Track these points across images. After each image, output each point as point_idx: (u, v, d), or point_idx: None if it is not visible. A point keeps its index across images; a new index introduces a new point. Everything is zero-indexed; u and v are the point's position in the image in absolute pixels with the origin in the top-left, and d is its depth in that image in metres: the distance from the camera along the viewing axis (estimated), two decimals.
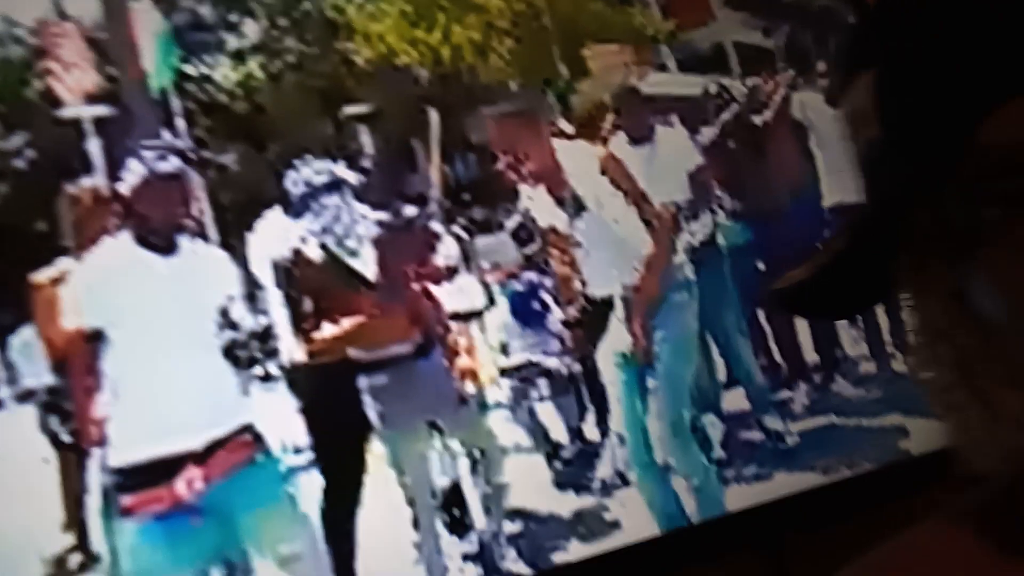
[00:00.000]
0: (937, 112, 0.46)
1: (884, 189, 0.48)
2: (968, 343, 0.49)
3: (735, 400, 2.32)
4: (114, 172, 1.58)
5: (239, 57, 1.77)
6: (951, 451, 0.50)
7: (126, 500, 1.43)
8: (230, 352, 1.57)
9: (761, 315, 2.60)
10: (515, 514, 1.82)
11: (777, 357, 2.62)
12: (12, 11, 1.51)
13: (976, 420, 0.49)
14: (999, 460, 0.49)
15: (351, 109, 1.91)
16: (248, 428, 1.55)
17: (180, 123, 1.66)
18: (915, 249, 0.50)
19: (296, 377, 1.64)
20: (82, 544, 1.44)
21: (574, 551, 1.84)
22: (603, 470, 1.98)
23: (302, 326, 1.69)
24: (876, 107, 0.49)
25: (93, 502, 1.44)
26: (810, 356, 2.64)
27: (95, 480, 1.45)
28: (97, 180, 1.54)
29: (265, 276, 1.68)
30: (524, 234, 2.08)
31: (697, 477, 2.09)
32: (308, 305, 1.71)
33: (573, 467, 1.94)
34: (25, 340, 1.47)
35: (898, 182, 0.47)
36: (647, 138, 2.39)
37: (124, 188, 1.55)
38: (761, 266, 2.62)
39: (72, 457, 1.46)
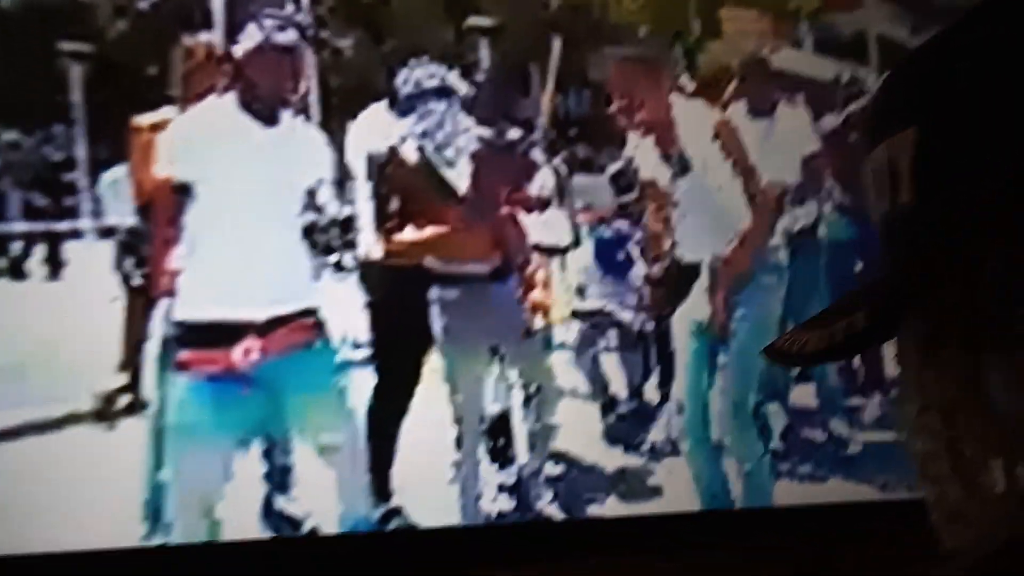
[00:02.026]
0: (991, 191, 0.40)
1: (912, 268, 0.43)
2: (971, 427, 0.45)
3: (804, 395, 2.22)
4: (232, 33, 1.55)
5: None
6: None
7: (183, 355, 1.42)
8: (309, 234, 1.54)
9: None
10: (559, 457, 1.77)
11: (856, 361, 2.51)
12: None
13: (956, 496, 0.46)
14: (973, 539, 0.46)
15: (475, 19, 1.84)
16: (312, 312, 1.52)
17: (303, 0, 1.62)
18: (934, 320, 0.46)
19: (369, 273, 1.61)
20: (134, 387, 1.44)
21: (610, 507, 1.79)
22: (656, 434, 1.91)
23: (385, 224, 1.65)
24: (913, 171, 0.43)
25: (152, 349, 1.44)
26: (891, 368, 2.52)
27: (157, 328, 1.44)
28: (214, 37, 1.51)
29: (358, 167, 1.64)
30: (623, 182, 2.00)
31: (750, 463, 2.01)
32: (395, 204, 1.67)
33: (626, 424, 1.88)
34: (116, 178, 1.46)
35: (930, 264, 0.42)
36: (767, 113, 2.29)
37: (239, 50, 1.52)
38: (859, 266, 2.50)
39: (140, 301, 1.45)
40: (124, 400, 1.44)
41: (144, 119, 1.47)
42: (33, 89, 1.44)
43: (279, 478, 1.52)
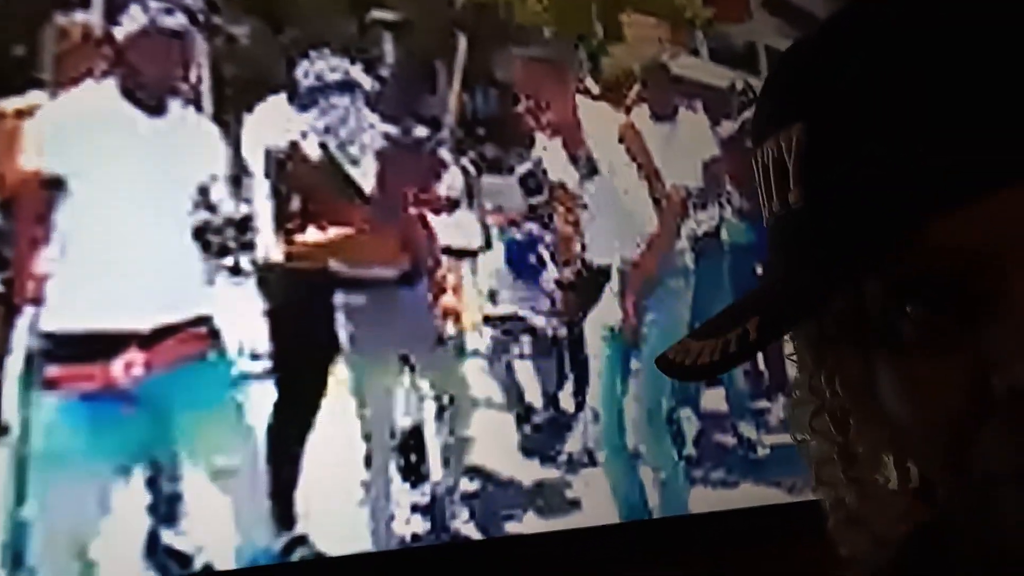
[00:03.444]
0: (882, 195, 0.38)
1: (802, 274, 0.41)
2: (862, 429, 0.45)
3: (714, 400, 2.16)
4: (113, 14, 1.36)
5: None
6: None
7: (52, 371, 1.21)
8: (201, 234, 1.36)
9: None
10: (475, 472, 1.63)
11: (761, 365, 2.49)
12: None
13: (851, 499, 0.46)
14: (869, 544, 0.46)
15: (378, 13, 1.71)
16: (205, 320, 1.34)
17: None
18: (824, 323, 0.45)
19: (269, 277, 1.43)
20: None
21: (528, 523, 1.67)
22: (572, 444, 1.80)
23: (285, 224, 1.48)
24: (800, 170, 0.41)
25: (14, 365, 1.22)
26: (792, 371, 2.51)
27: (21, 341, 1.23)
28: (92, 17, 1.32)
29: (256, 162, 1.47)
30: (532, 183, 1.90)
31: (665, 470, 1.94)
32: (296, 204, 1.50)
33: (542, 435, 1.76)
34: None
35: (820, 269, 0.40)
36: (669, 117, 2.26)
37: (120, 32, 1.33)
38: (759, 269, 2.49)
39: (1, 310, 1.24)
40: None
41: (8, 104, 1.26)
42: None
43: (166, 509, 1.31)
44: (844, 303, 0.44)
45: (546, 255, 1.87)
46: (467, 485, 1.61)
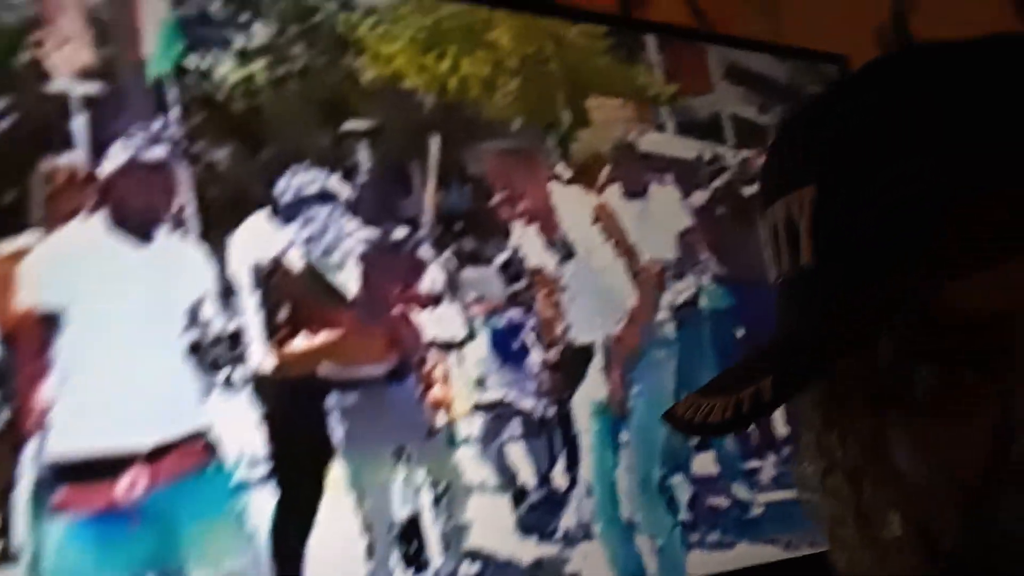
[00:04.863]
0: (893, 261, 0.38)
1: (817, 332, 0.41)
2: (876, 489, 0.44)
3: (705, 463, 2.19)
4: (97, 152, 1.44)
5: (244, 57, 1.64)
6: None
7: (60, 495, 1.25)
8: (195, 352, 1.41)
9: None
10: (474, 555, 1.66)
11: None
12: None
13: (867, 561, 0.45)
14: None
15: (351, 124, 1.79)
16: (203, 434, 1.38)
17: (174, 113, 1.52)
18: (835, 381, 0.45)
19: (262, 386, 1.48)
20: (2, 537, 1.26)
21: None
22: (568, 520, 1.82)
23: (275, 335, 1.54)
24: (812, 230, 0.41)
25: (23, 493, 1.27)
26: (781, 428, 2.53)
27: (28, 469, 1.27)
28: (77, 158, 1.40)
29: (243, 279, 1.53)
30: (512, 271, 1.96)
31: (661, 538, 1.96)
32: (284, 314, 1.56)
33: (538, 513, 1.78)
34: None
35: (835, 328, 0.40)
36: (641, 194, 2.33)
37: (105, 170, 1.41)
38: (739, 332, 2.53)
39: (7, 443, 1.28)
40: None
41: (3, 248, 1.33)
42: None
43: None
44: (855, 361, 0.43)
45: (530, 339, 1.92)
46: (467, 569, 1.64)
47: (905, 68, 0.43)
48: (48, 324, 1.30)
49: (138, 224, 1.42)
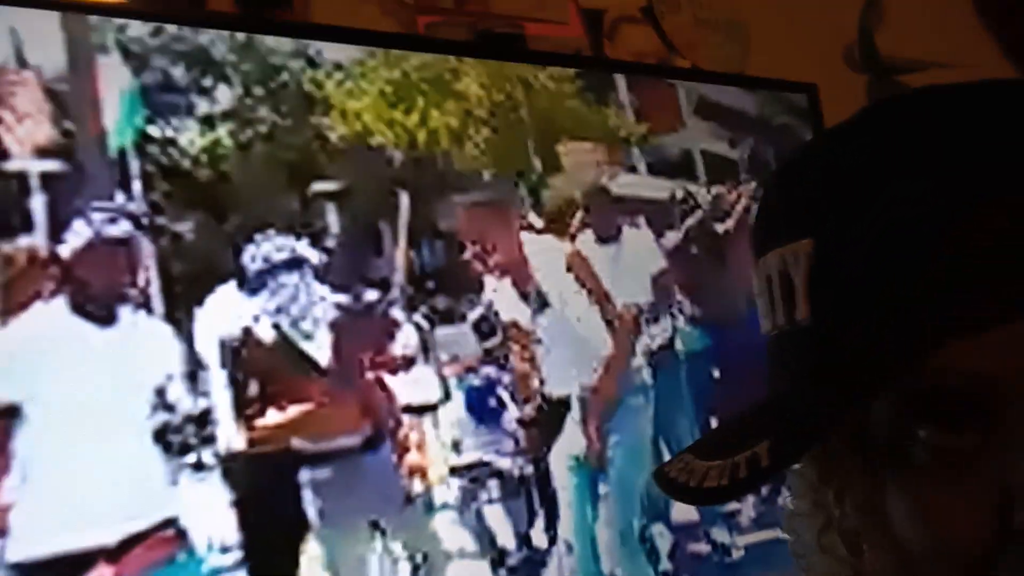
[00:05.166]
0: (898, 318, 0.37)
1: (813, 394, 0.40)
2: (875, 556, 0.43)
3: (685, 510, 2.17)
4: (57, 232, 1.39)
5: (208, 123, 1.60)
6: None
7: None
8: (162, 436, 1.37)
9: (714, 422, 2.50)
10: None
11: None
12: None
13: None
14: None
15: (319, 185, 1.75)
16: (172, 522, 1.34)
17: (136, 186, 1.48)
18: (832, 439, 0.43)
19: (232, 466, 1.44)
20: None
21: None
22: None
23: (245, 411, 1.50)
24: (808, 287, 0.40)
25: None
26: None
27: None
28: (36, 240, 1.35)
29: (211, 355, 1.49)
30: (486, 327, 1.93)
31: None
32: (254, 389, 1.52)
33: (518, 575, 1.75)
34: None
35: (833, 391, 0.39)
36: (614, 238, 2.32)
37: (66, 250, 1.36)
38: (716, 373, 2.52)
39: None
40: None
41: None
42: None
43: None
44: (853, 422, 0.42)
45: (505, 396, 1.89)
46: None
47: (896, 109, 0.42)
48: (6, 418, 1.26)
49: (101, 305, 1.37)
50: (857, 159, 0.41)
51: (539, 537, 1.84)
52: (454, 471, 1.75)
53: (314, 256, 1.67)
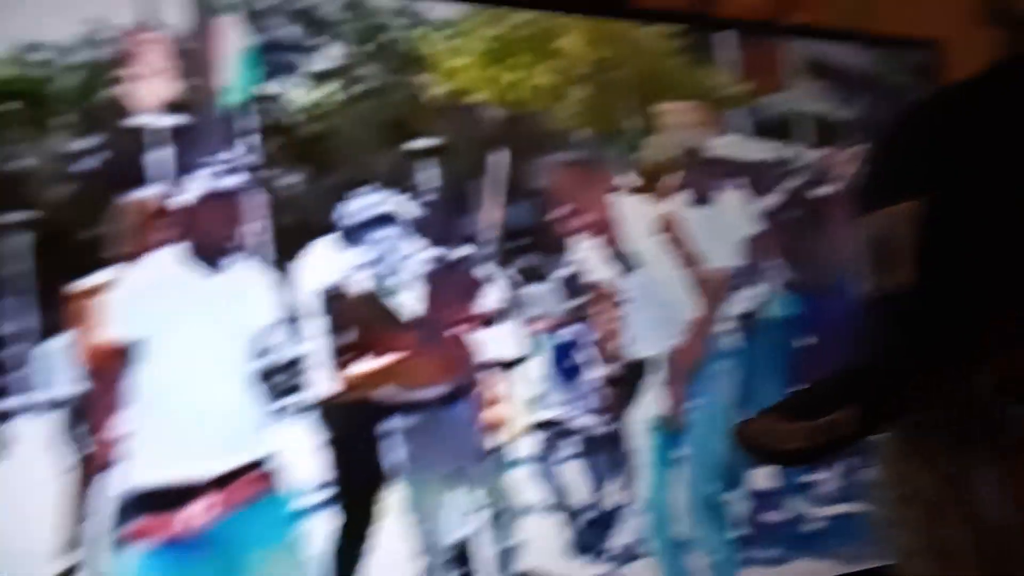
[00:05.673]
0: (1008, 291, 0.36)
1: (911, 363, 0.39)
2: (957, 530, 0.41)
3: (763, 478, 2.17)
4: (176, 184, 1.49)
5: (317, 80, 1.67)
6: None
7: (134, 524, 1.34)
8: (262, 379, 1.48)
9: None
10: (528, 575, 1.70)
11: None
12: (104, 15, 1.42)
13: None
14: None
15: (418, 142, 1.81)
16: (267, 460, 1.45)
17: (249, 140, 1.56)
18: (919, 417, 0.41)
19: (324, 411, 1.54)
20: (84, 566, 1.34)
21: None
22: (622, 538, 1.85)
23: (339, 359, 1.59)
24: (914, 249, 0.38)
25: (101, 523, 1.35)
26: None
27: (107, 499, 1.36)
28: (159, 190, 1.45)
29: (309, 304, 1.58)
30: (573, 286, 1.96)
31: (716, 554, 1.96)
32: (349, 337, 1.61)
33: (592, 531, 1.81)
34: (59, 347, 1.39)
35: (932, 361, 0.38)
36: (709, 200, 2.28)
37: (184, 200, 1.46)
38: (810, 341, 2.48)
39: (87, 472, 1.37)
40: None
41: (88, 282, 1.40)
42: None
43: None
44: (948, 392, 0.41)
45: (588, 355, 1.93)
46: None
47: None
48: (125, 356, 1.38)
49: (213, 253, 1.47)
50: (980, 119, 0.39)
51: (614, 496, 1.89)
52: (533, 426, 1.81)
53: (411, 211, 1.73)
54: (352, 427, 1.58)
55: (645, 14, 2.31)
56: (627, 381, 1.98)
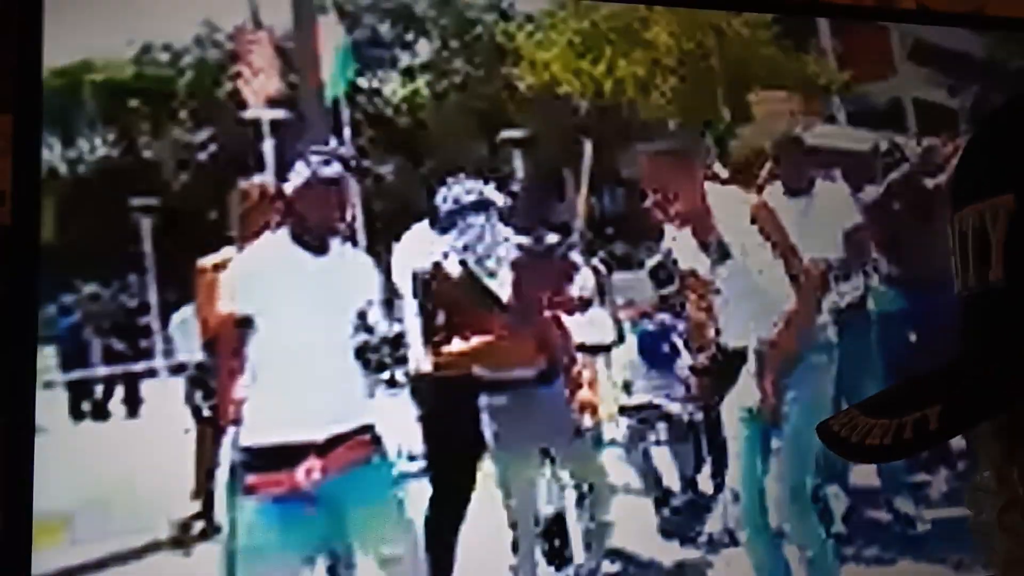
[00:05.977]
0: None
1: (997, 363, 0.40)
2: None
3: (865, 475, 2.28)
4: (282, 172, 1.76)
5: (409, 74, 1.92)
6: None
7: (250, 479, 1.61)
8: (362, 354, 1.73)
9: None
10: (615, 555, 1.89)
11: None
12: (214, 17, 1.71)
13: None
14: None
15: (507, 133, 2.03)
16: (369, 428, 1.70)
17: (347, 132, 1.83)
18: (1017, 414, 0.42)
19: (420, 386, 1.78)
20: (206, 513, 1.62)
21: None
22: (712, 525, 2.02)
23: (432, 338, 1.83)
24: (1006, 246, 0.41)
25: (222, 476, 1.62)
26: (957, 442, 2.57)
27: (226, 456, 1.63)
28: (266, 178, 1.73)
29: (405, 286, 1.83)
30: (663, 274, 2.13)
31: (812, 549, 2.08)
32: (441, 318, 1.84)
33: (681, 517, 1.99)
34: (184, 318, 1.67)
35: (1014, 364, 0.39)
36: (805, 190, 2.37)
37: (289, 188, 1.74)
38: (912, 337, 2.56)
39: (209, 431, 1.65)
40: (198, 526, 1.62)
41: (207, 261, 1.69)
42: (108, 244, 1.67)
43: None
44: None
45: (679, 343, 2.11)
46: (608, 567, 1.88)
47: None
48: (242, 328, 1.65)
49: (316, 237, 1.75)
50: None
51: (705, 483, 2.06)
52: (623, 410, 2.01)
53: (500, 199, 1.96)
54: (446, 402, 1.82)
55: (733, 2, 2.45)
56: (719, 370, 2.14)
